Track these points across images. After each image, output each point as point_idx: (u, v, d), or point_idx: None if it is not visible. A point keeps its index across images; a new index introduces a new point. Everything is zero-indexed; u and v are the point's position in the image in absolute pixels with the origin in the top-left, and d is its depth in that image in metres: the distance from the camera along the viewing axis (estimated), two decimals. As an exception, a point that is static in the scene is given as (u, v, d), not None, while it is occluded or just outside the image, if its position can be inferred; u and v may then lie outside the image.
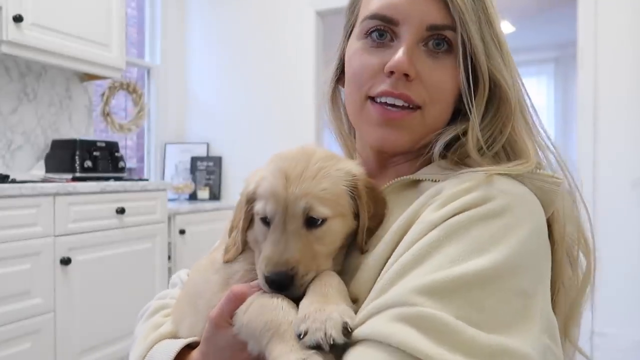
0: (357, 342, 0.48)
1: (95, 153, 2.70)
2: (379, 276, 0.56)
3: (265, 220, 0.59)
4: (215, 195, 3.75)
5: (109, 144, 2.82)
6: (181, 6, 3.93)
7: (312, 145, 0.65)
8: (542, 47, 5.82)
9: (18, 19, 2.30)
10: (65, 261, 2.24)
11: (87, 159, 2.65)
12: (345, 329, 0.48)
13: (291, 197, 0.57)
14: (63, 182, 2.37)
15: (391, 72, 0.64)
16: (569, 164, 0.71)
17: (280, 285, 0.55)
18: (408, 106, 0.65)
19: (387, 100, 0.65)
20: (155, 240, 2.78)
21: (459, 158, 0.65)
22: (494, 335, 0.46)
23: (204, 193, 3.70)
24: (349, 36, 0.73)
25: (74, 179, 2.53)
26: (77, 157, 2.62)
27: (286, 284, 0.55)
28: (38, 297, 2.15)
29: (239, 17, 3.74)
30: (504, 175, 0.59)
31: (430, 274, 0.49)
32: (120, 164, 2.83)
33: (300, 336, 0.48)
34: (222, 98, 3.83)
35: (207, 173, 3.79)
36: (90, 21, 2.72)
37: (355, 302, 0.56)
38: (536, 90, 6.05)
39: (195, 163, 3.81)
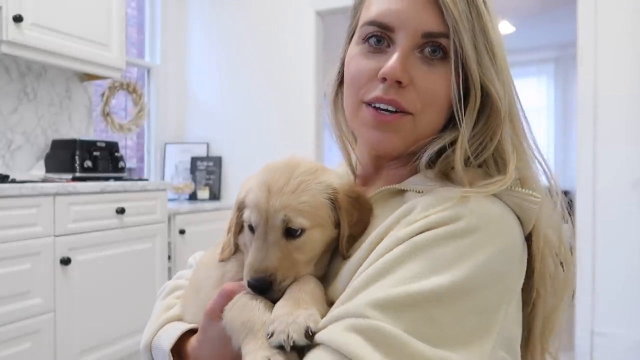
0: (315, 345, 0.52)
1: (95, 153, 2.70)
2: None
3: (252, 228, 0.65)
4: (215, 195, 3.75)
5: (109, 144, 2.82)
6: (181, 6, 3.93)
7: (298, 157, 0.69)
8: (542, 47, 5.82)
9: (18, 19, 2.30)
10: (65, 261, 2.24)
11: (87, 159, 2.65)
12: (307, 332, 0.53)
13: (271, 210, 0.62)
14: (63, 182, 2.37)
15: (384, 78, 0.65)
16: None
17: (260, 289, 0.60)
18: (400, 111, 0.66)
19: (380, 106, 0.66)
20: (155, 240, 2.78)
21: (444, 170, 0.66)
22: (441, 350, 0.49)
23: (204, 193, 3.71)
24: (351, 40, 0.74)
25: (74, 179, 2.53)
26: (77, 157, 2.63)
27: (265, 289, 0.60)
28: (38, 297, 2.15)
29: (239, 17, 3.74)
30: (479, 191, 0.61)
31: (388, 289, 0.52)
32: (120, 164, 2.83)
33: (269, 336, 0.54)
34: (222, 98, 3.83)
35: (207, 173, 3.79)
36: (90, 21, 2.72)
37: (332, 304, 0.60)
38: (536, 90, 6.06)
39: (195, 163, 3.81)
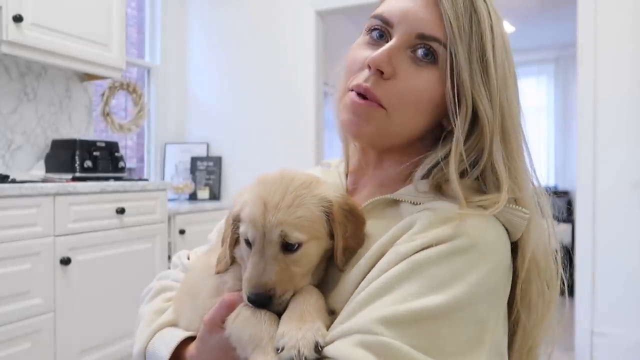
0: (325, 359, 0.55)
1: (95, 153, 2.70)
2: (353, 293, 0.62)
3: (248, 242, 0.65)
4: (215, 195, 3.75)
5: (109, 144, 2.82)
6: (181, 6, 3.93)
7: (290, 171, 0.69)
8: (542, 47, 5.82)
9: (18, 19, 2.30)
10: (65, 261, 2.24)
11: (87, 159, 2.65)
12: (316, 347, 0.55)
13: (268, 225, 0.62)
14: (63, 182, 2.37)
15: (369, 66, 0.67)
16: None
17: (260, 304, 0.61)
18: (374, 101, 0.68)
19: (359, 91, 0.68)
20: (155, 240, 2.78)
21: (438, 182, 0.67)
22: None
23: (204, 193, 3.71)
24: None
25: (74, 179, 2.53)
26: (77, 157, 2.63)
27: (265, 303, 0.61)
28: (38, 297, 2.15)
29: (239, 17, 3.74)
30: (475, 207, 0.63)
31: (392, 306, 0.55)
32: (120, 164, 2.83)
33: (278, 350, 0.56)
34: (222, 98, 3.83)
35: (207, 173, 3.79)
36: (90, 21, 2.72)
37: (333, 313, 0.63)
38: (536, 90, 6.07)
39: (195, 163, 3.81)
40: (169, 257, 2.96)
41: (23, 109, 2.77)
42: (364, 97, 0.68)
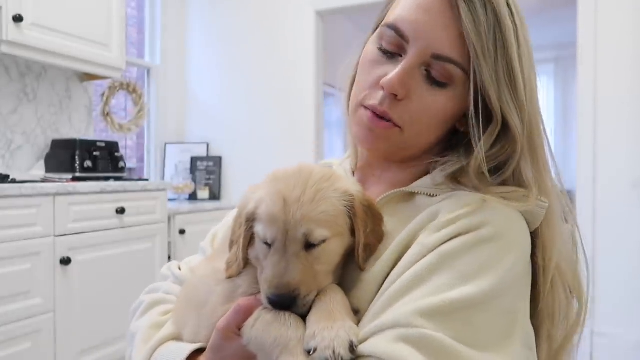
0: (361, 358, 0.52)
1: (95, 153, 2.70)
2: (379, 290, 0.60)
3: (266, 241, 0.61)
4: (215, 195, 3.75)
5: (109, 144, 2.82)
6: (181, 6, 3.93)
7: (308, 164, 0.66)
8: (542, 47, 5.81)
9: (18, 19, 2.30)
10: (65, 261, 2.24)
11: (87, 159, 2.65)
12: (351, 347, 0.52)
13: (291, 222, 0.58)
14: (63, 182, 2.37)
15: (383, 87, 0.66)
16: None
17: (283, 305, 0.57)
18: (390, 122, 0.67)
19: (375, 111, 0.68)
20: (155, 240, 2.78)
21: (455, 175, 0.67)
22: (486, 353, 0.52)
23: (204, 193, 3.71)
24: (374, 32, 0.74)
25: (74, 179, 2.53)
26: (77, 157, 2.63)
27: (289, 305, 0.57)
28: (38, 297, 2.15)
29: (239, 17, 3.74)
30: (498, 198, 0.62)
31: (428, 298, 0.54)
32: (120, 164, 2.83)
33: (310, 352, 0.52)
34: (222, 98, 3.83)
35: (207, 173, 3.79)
36: (90, 21, 2.72)
37: (357, 312, 0.60)
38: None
39: (195, 163, 3.81)
40: (169, 257, 2.96)
41: (23, 109, 2.77)
42: (379, 116, 0.67)
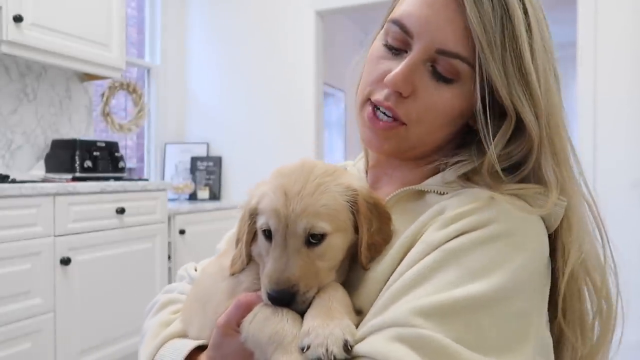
0: (356, 358, 0.50)
1: (95, 153, 2.70)
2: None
3: (268, 235, 0.61)
4: (215, 195, 3.75)
5: (109, 144, 2.82)
6: (181, 6, 3.93)
7: (312, 160, 0.65)
8: (542, 47, 5.82)
9: (18, 19, 2.30)
10: (65, 261, 2.24)
11: (87, 159, 2.65)
12: (345, 346, 0.50)
13: (292, 215, 0.58)
14: (63, 182, 2.37)
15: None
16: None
17: (282, 301, 0.56)
18: (395, 119, 0.66)
19: (380, 108, 0.67)
20: (155, 240, 2.78)
21: (466, 174, 0.65)
22: (490, 357, 0.48)
23: (204, 193, 3.70)
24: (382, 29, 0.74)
25: (74, 179, 2.53)
26: (77, 157, 2.63)
27: (288, 301, 0.56)
28: (38, 297, 2.15)
29: (238, 17, 3.74)
30: (509, 195, 0.59)
31: (430, 296, 0.51)
32: (120, 164, 2.83)
33: (304, 349, 0.51)
34: (222, 98, 3.83)
35: (207, 173, 3.79)
36: (90, 21, 2.72)
37: (360, 313, 0.58)
38: (536, 91, 6.06)
39: (195, 163, 3.81)
40: (169, 257, 2.96)
41: (23, 109, 2.77)
42: (383, 113, 0.66)
